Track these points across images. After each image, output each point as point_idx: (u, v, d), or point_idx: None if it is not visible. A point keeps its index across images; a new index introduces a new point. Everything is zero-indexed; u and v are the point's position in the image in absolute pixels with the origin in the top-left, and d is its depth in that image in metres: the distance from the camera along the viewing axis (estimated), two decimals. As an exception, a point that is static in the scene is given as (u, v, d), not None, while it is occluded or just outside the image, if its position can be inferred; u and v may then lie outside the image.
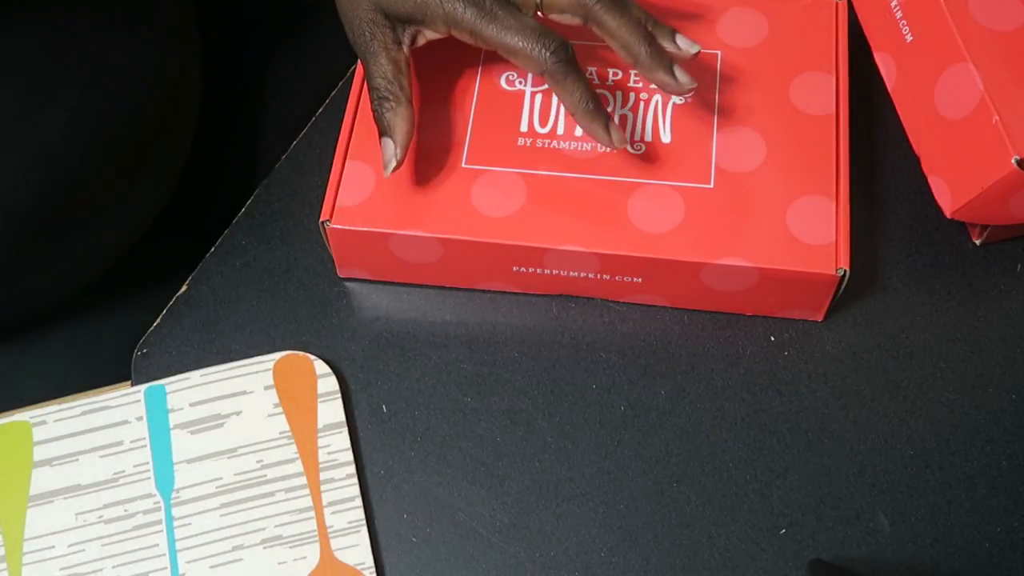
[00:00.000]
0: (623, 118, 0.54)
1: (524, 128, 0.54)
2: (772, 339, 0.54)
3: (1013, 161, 0.49)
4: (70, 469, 0.51)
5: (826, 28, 0.57)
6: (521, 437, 0.52)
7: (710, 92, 0.55)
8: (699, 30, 0.57)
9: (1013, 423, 0.51)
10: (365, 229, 0.52)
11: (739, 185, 0.52)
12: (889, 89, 0.57)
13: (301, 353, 0.53)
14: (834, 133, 0.54)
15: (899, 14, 0.56)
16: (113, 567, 0.49)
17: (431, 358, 0.54)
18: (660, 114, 0.54)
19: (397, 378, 0.54)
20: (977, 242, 0.56)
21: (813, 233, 0.51)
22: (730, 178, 0.52)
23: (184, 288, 0.57)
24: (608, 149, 0.52)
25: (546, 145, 0.54)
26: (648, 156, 0.53)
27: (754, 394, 0.52)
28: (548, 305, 0.55)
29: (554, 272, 0.53)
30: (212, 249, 0.58)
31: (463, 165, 0.53)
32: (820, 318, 0.54)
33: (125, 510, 0.50)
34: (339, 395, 0.52)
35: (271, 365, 0.53)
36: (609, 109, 0.54)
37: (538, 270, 0.53)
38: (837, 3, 0.57)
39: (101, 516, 0.50)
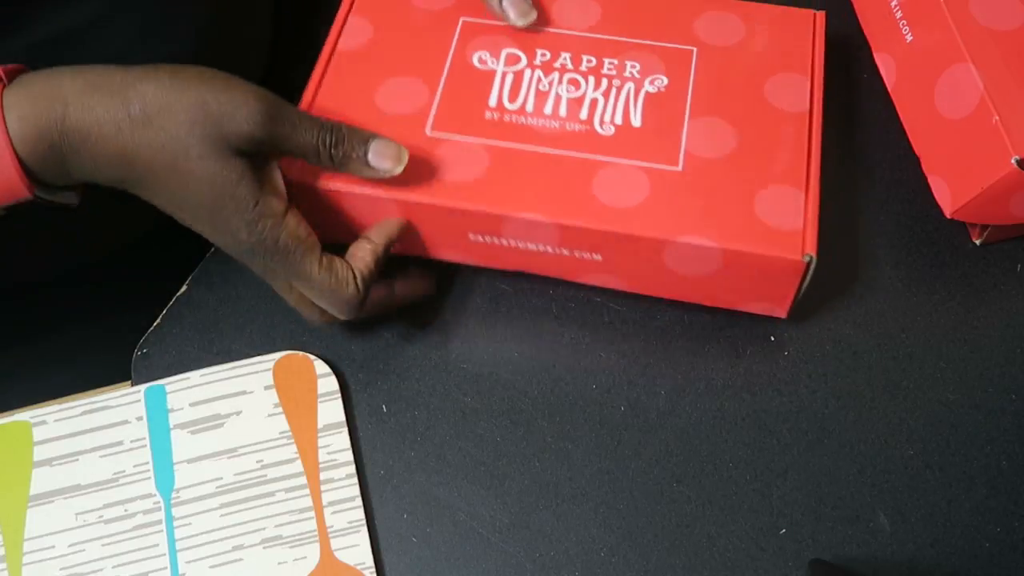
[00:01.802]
0: (594, 101, 0.54)
1: (493, 103, 0.54)
2: (772, 339, 0.54)
3: (1013, 161, 0.49)
4: (70, 469, 0.51)
5: (804, 35, 0.56)
6: (521, 437, 0.52)
7: (683, 83, 0.54)
8: (676, 29, 0.56)
9: (1013, 423, 0.51)
10: (320, 186, 0.51)
11: (708, 169, 0.51)
12: (889, 89, 0.57)
13: (301, 353, 0.53)
14: (807, 128, 0.53)
15: (899, 14, 0.56)
16: (113, 567, 0.49)
17: (431, 358, 0.54)
18: (632, 100, 0.54)
19: (397, 378, 0.54)
20: (977, 242, 0.56)
21: (781, 219, 0.49)
22: (699, 162, 0.51)
23: (184, 288, 0.57)
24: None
25: (514, 120, 0.53)
26: (617, 137, 0.52)
27: (754, 394, 0.52)
28: (548, 305, 0.55)
29: (512, 243, 0.52)
30: (212, 249, 0.58)
31: (427, 132, 0.53)
32: (784, 313, 0.53)
33: (125, 510, 0.50)
34: (339, 395, 0.52)
35: (271, 365, 0.53)
36: (580, 92, 0.54)
37: (496, 239, 0.52)
38: (815, 14, 0.56)
39: (101, 516, 0.50)
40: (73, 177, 0.47)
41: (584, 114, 0.53)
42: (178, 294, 0.57)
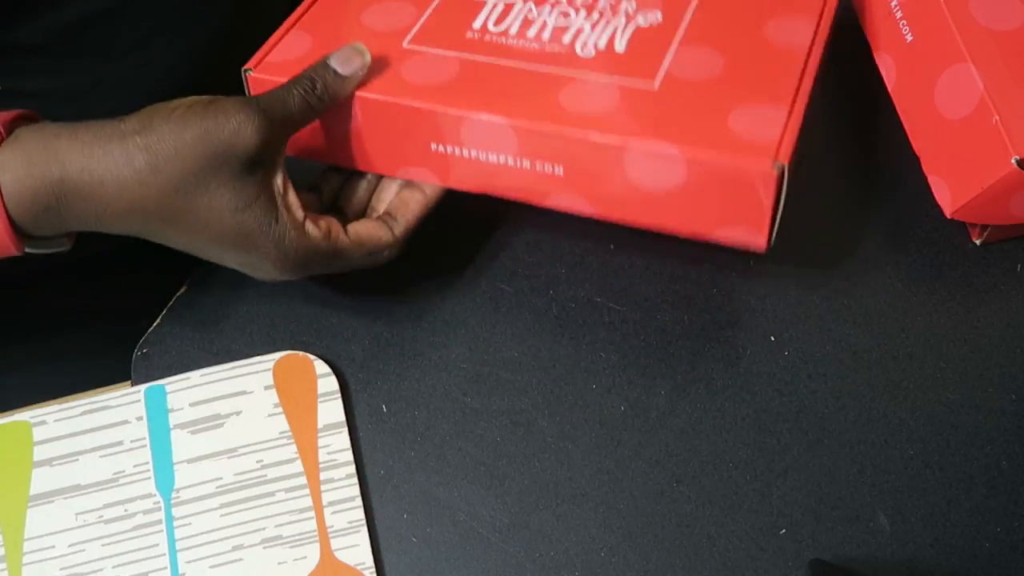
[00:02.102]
0: (580, 30, 0.53)
1: (477, 26, 0.54)
2: (772, 339, 0.54)
3: (1013, 161, 0.49)
4: (70, 469, 0.51)
5: None
6: (521, 437, 0.52)
7: (678, 20, 0.53)
8: None
9: (1013, 423, 0.51)
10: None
11: (686, 89, 0.49)
12: (889, 89, 0.57)
13: (301, 353, 0.53)
14: (803, 58, 0.50)
15: (899, 14, 0.56)
16: (113, 567, 0.49)
17: (431, 358, 0.54)
18: (620, 31, 0.53)
19: (397, 378, 0.54)
20: (977, 242, 0.56)
21: (756, 132, 0.46)
22: (677, 83, 0.49)
23: (184, 288, 0.57)
24: None
25: (493, 40, 0.53)
26: (596, 59, 0.51)
27: (754, 394, 0.52)
28: (548, 305, 0.55)
29: (473, 154, 0.51)
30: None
31: (404, 45, 0.53)
32: (763, 241, 0.48)
33: (125, 510, 0.50)
34: (339, 395, 0.52)
35: (271, 365, 0.53)
36: (568, 22, 0.53)
37: (456, 150, 0.51)
38: None
39: (101, 516, 0.50)
40: (69, 228, 0.47)
41: (567, 39, 0.52)
42: (178, 294, 0.57)
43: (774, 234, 0.49)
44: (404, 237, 0.53)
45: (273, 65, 0.53)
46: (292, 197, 0.49)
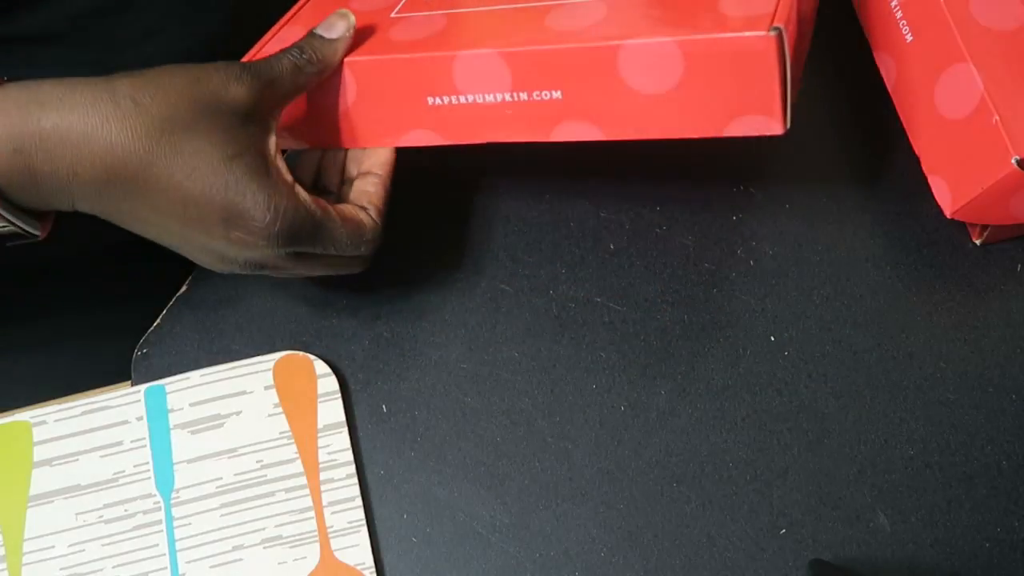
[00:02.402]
0: None
1: None
2: (772, 339, 0.54)
3: (1013, 161, 0.49)
4: (70, 469, 0.51)
5: None
6: (521, 437, 0.52)
7: None
8: None
9: (1013, 423, 0.51)
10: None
11: None
12: (889, 89, 0.57)
13: (301, 353, 0.53)
14: None
15: (899, 14, 0.56)
16: (113, 567, 0.49)
17: (431, 358, 0.54)
18: None
19: (397, 378, 0.54)
20: (977, 242, 0.56)
21: (748, 8, 0.44)
22: None
23: (184, 288, 0.57)
24: None
25: None
26: None
27: (754, 394, 0.52)
28: (548, 305, 0.55)
29: (470, 99, 0.49)
30: (212, 249, 0.58)
31: (392, 15, 0.53)
32: (780, 123, 0.45)
33: (125, 510, 0.50)
34: (339, 395, 0.52)
35: (271, 365, 0.53)
36: None
37: (453, 99, 0.49)
38: None
39: (101, 516, 0.50)
40: (42, 194, 0.43)
41: None
42: (178, 294, 0.57)
43: (789, 117, 0.46)
44: (380, 223, 0.50)
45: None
46: (283, 163, 0.47)
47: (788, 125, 0.45)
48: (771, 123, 0.45)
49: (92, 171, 0.43)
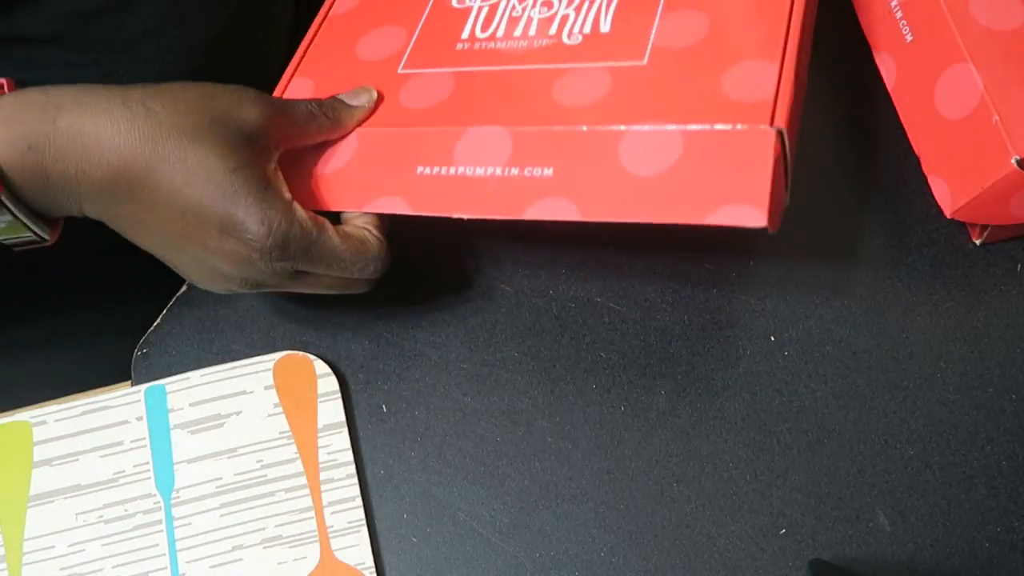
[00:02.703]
0: (564, 17, 0.53)
1: (465, 36, 0.54)
2: (772, 339, 0.54)
3: (1013, 161, 0.49)
4: (70, 469, 0.51)
5: None
6: (521, 437, 0.52)
7: None
8: None
9: (1013, 423, 0.51)
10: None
11: (674, 59, 0.48)
12: (889, 89, 0.57)
13: (301, 353, 0.53)
14: (788, 5, 0.48)
15: (899, 14, 0.56)
16: (113, 567, 0.49)
17: (431, 358, 0.54)
18: (604, 10, 0.52)
19: (397, 378, 0.54)
20: (977, 242, 0.56)
21: (748, 92, 0.45)
22: (665, 54, 0.48)
23: (184, 288, 0.57)
24: None
25: (483, 47, 0.53)
26: (583, 44, 0.51)
27: (754, 394, 0.52)
28: (548, 305, 0.55)
29: (460, 171, 0.48)
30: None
31: (399, 71, 0.53)
32: (764, 214, 0.42)
33: (125, 510, 0.50)
34: (339, 395, 0.52)
35: (271, 365, 0.53)
36: (552, 11, 0.53)
37: (444, 170, 0.48)
38: None
39: (101, 516, 0.50)
40: (52, 194, 0.44)
41: (553, 29, 0.52)
42: (178, 294, 0.57)
43: (779, 216, 0.45)
44: (385, 243, 0.50)
45: None
46: (283, 183, 0.48)
47: (775, 225, 0.44)
48: (756, 215, 0.43)
49: (99, 171, 0.44)
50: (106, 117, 0.43)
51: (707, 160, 0.44)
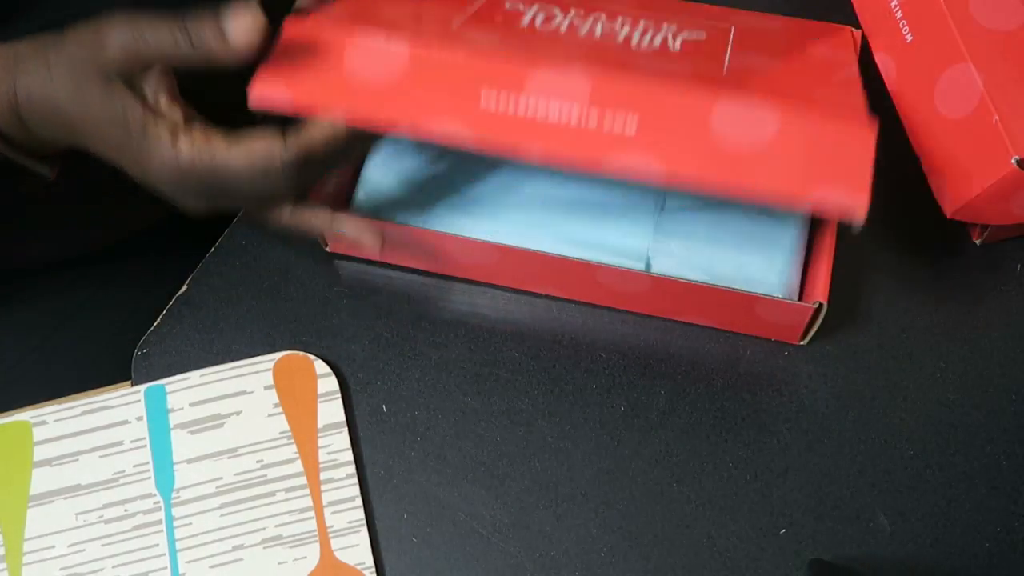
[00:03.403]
0: (628, 36, 0.52)
1: (524, 23, 0.52)
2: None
3: (1013, 161, 0.49)
4: (70, 469, 0.51)
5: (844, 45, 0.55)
6: (521, 437, 0.52)
7: (723, 39, 0.53)
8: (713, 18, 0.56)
9: (1013, 423, 0.51)
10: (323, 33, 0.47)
11: (757, 72, 0.49)
12: (889, 89, 0.57)
13: (301, 353, 0.53)
14: (857, 70, 0.51)
15: (899, 14, 0.56)
16: (113, 567, 0.49)
17: (431, 358, 0.54)
18: (671, 39, 0.52)
19: (397, 378, 0.54)
20: (977, 242, 0.56)
21: (842, 101, 0.46)
22: (745, 70, 0.49)
23: (184, 288, 0.57)
24: None
25: (546, 29, 0.52)
26: (656, 52, 0.50)
27: (754, 394, 0.52)
28: (548, 305, 0.55)
29: (532, 104, 0.44)
30: (212, 249, 0.58)
31: (452, 28, 0.50)
32: (863, 204, 0.42)
33: (125, 510, 0.50)
34: (339, 395, 0.52)
35: (271, 365, 0.53)
36: (614, 29, 0.53)
37: (514, 102, 0.44)
38: (852, 31, 0.57)
39: (101, 516, 0.50)
40: (40, 138, 0.47)
41: (620, 37, 0.51)
42: (178, 294, 0.57)
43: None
44: (299, 154, 0.46)
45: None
46: (166, 103, 0.46)
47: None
48: (856, 202, 0.42)
49: (54, 117, 0.46)
50: (40, 80, 0.46)
51: (803, 142, 0.42)
